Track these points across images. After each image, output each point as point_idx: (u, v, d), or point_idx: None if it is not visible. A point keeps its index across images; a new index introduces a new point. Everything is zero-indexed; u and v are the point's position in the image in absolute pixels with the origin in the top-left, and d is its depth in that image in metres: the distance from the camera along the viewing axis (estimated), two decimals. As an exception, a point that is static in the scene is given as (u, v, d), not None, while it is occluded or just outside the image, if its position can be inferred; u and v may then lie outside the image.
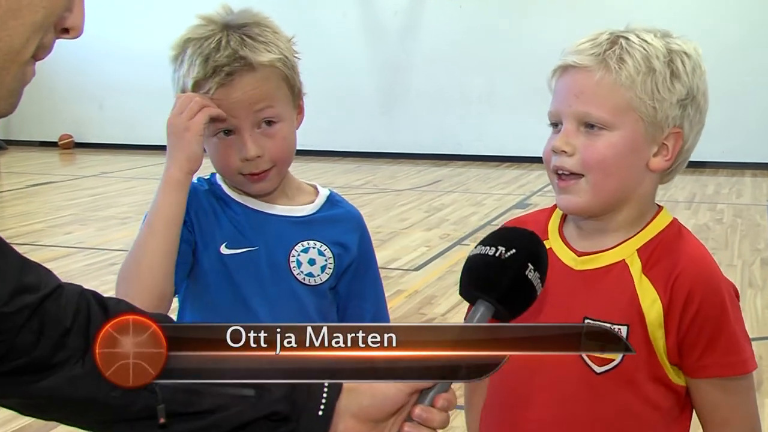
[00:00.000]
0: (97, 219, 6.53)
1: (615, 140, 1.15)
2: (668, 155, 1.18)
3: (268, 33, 1.34)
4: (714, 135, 9.44)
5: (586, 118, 1.16)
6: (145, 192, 7.68)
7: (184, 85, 1.34)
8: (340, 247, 1.40)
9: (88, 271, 4.98)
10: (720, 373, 1.15)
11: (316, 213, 1.42)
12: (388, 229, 6.18)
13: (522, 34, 9.48)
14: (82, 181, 8.57)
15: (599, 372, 1.16)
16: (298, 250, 1.38)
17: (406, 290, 4.62)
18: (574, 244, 1.22)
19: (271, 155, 1.34)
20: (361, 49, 10.20)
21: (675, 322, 1.15)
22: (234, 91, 1.31)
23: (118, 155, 10.46)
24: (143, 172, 9.16)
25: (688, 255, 1.18)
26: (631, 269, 1.17)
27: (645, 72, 1.14)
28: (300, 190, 1.44)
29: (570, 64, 1.17)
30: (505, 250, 0.98)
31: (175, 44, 1.36)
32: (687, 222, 6.41)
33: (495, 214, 6.74)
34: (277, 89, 1.34)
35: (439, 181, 8.57)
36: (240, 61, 1.30)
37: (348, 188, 7.97)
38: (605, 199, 1.17)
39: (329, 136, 10.03)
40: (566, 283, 1.20)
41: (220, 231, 1.36)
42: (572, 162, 1.16)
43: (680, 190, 7.98)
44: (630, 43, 1.16)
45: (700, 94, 1.18)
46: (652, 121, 1.15)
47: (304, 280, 1.37)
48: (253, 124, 1.33)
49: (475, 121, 9.92)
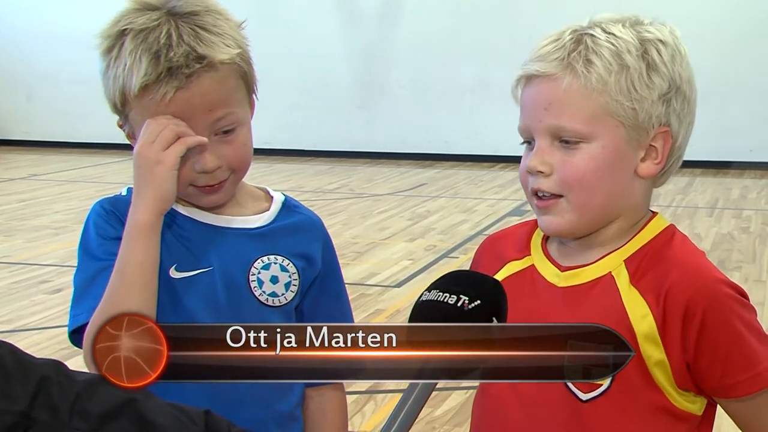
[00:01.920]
0: (25, 229, 6.48)
1: (595, 152, 1.15)
2: (658, 158, 1.18)
3: (221, 22, 1.32)
4: (739, 132, 9.62)
5: (560, 132, 1.16)
6: (81, 197, 7.63)
7: (124, 87, 1.29)
8: (304, 259, 1.41)
9: (15, 289, 4.95)
10: (749, 390, 1.16)
11: (273, 222, 1.41)
12: (365, 240, 6.19)
13: (520, 16, 9.54)
14: (8, 184, 8.50)
15: (585, 399, 1.17)
16: (257, 267, 1.37)
17: (385, 310, 4.63)
18: (559, 258, 1.23)
19: (229, 163, 1.34)
20: (334, 33, 10.22)
21: (677, 341, 1.15)
22: (192, 96, 1.29)
23: (50, 154, 10.40)
24: (80, 174, 9.11)
25: (678, 262, 1.18)
26: (617, 281, 1.18)
27: (617, 70, 1.14)
28: (251, 196, 1.44)
29: (533, 74, 1.18)
30: (468, 300, 1.00)
31: (104, 33, 1.31)
32: (709, 231, 6.47)
33: (488, 222, 6.78)
34: (235, 90, 1.33)
35: (425, 185, 8.60)
36: (200, 61, 1.28)
37: (320, 193, 7.97)
38: (592, 218, 1.19)
39: (298, 134, 10.04)
40: (550, 301, 1.21)
41: (168, 251, 1.33)
42: (549, 183, 1.17)
43: (701, 194, 8.06)
44: (596, 41, 1.15)
45: (684, 82, 1.17)
46: (634, 123, 1.15)
47: (267, 301, 1.37)
48: (211, 132, 1.32)
49: (466, 117, 9.96)
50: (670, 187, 8.19)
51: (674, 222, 1.28)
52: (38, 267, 5.37)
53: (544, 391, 1.19)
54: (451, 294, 1.01)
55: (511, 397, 1.23)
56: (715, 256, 5.70)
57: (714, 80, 8.28)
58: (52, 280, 5.10)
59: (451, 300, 1.00)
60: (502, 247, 1.29)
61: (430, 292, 1.03)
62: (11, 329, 4.27)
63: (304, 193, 7.47)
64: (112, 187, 9.51)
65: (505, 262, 1.27)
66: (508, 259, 1.27)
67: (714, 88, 8.20)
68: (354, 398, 3.40)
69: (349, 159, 10.04)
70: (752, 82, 9.30)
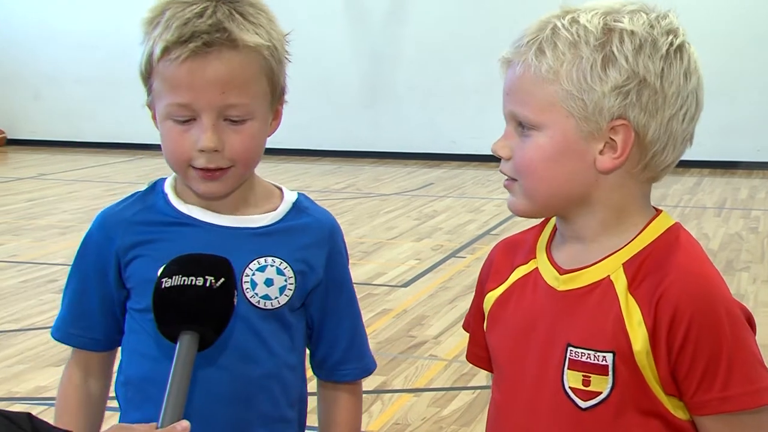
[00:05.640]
0: (33, 228, 6.50)
1: (542, 141, 1.16)
2: (618, 152, 1.15)
3: (261, 17, 1.33)
4: (747, 131, 9.59)
5: (516, 117, 1.18)
6: (89, 197, 7.65)
7: (151, 52, 1.31)
8: (304, 264, 1.38)
9: (23, 288, 4.96)
10: (721, 408, 1.12)
11: (278, 223, 1.39)
12: (372, 240, 6.19)
13: (525, 15, 9.50)
14: (15, 184, 8.52)
15: (585, 407, 1.16)
16: (252, 268, 1.35)
17: (393, 309, 4.63)
18: (559, 259, 1.22)
19: (231, 152, 1.31)
20: (341, 33, 10.22)
21: (662, 348, 1.13)
22: (206, 66, 1.28)
23: (58, 154, 10.42)
24: (87, 173, 9.13)
25: (678, 267, 1.15)
26: (616, 287, 1.16)
27: (569, 60, 1.14)
28: (265, 196, 1.41)
29: (500, 58, 1.21)
30: (214, 279, 1.15)
31: (153, 6, 1.34)
32: (716, 231, 6.46)
33: (495, 222, 6.77)
34: (255, 80, 1.32)
35: (431, 185, 8.59)
36: (222, 32, 1.28)
37: (327, 192, 7.97)
38: (543, 204, 1.19)
39: (305, 133, 10.04)
40: (549, 305, 1.20)
41: (162, 253, 1.31)
42: (507, 167, 1.20)
43: (708, 194, 8.04)
44: (556, 30, 1.15)
45: (652, 75, 1.14)
46: (584, 115, 1.14)
47: (258, 304, 1.35)
48: (218, 112, 1.30)
49: (472, 116, 9.95)
50: (677, 186, 8.17)
51: (682, 222, 1.25)
52: (46, 266, 5.38)
53: (544, 400, 1.18)
54: (197, 276, 1.15)
55: (512, 405, 1.22)
56: (723, 256, 5.69)
57: (722, 80, 8.25)
58: (59, 279, 5.11)
59: (199, 282, 1.15)
60: (513, 252, 1.28)
61: (172, 278, 1.15)
62: (19, 328, 4.29)
63: (311, 193, 7.41)
64: (119, 187, 9.54)
65: (514, 268, 1.26)
66: (517, 264, 1.26)
67: (722, 87, 8.18)
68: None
69: (356, 159, 10.04)
70: (760, 82, 9.28)
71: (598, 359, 1.15)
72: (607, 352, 1.14)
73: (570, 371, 1.16)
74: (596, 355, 1.15)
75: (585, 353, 1.16)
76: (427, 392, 3.59)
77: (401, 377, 3.70)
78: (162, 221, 1.38)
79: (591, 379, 1.15)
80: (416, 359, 3.93)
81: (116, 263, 1.38)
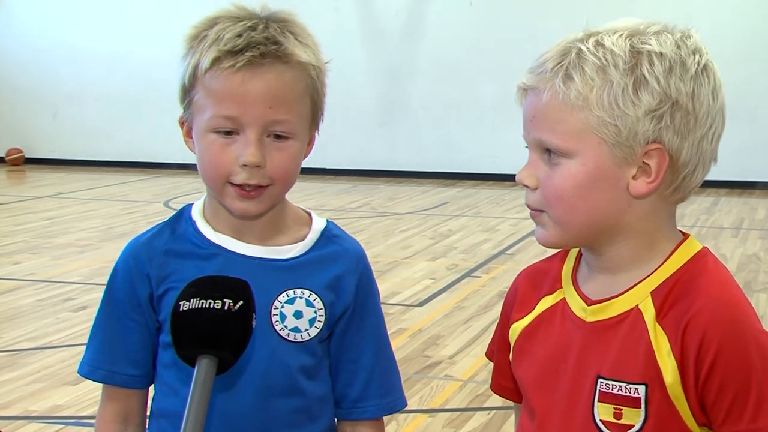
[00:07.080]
0: (51, 247, 6.53)
1: (574, 170, 1.13)
2: (652, 177, 1.13)
3: (309, 39, 1.33)
4: (764, 151, 9.53)
5: (544, 145, 1.15)
6: (106, 216, 7.69)
7: (198, 63, 1.29)
8: (332, 293, 1.36)
9: (41, 306, 4.98)
10: None
11: (307, 253, 1.36)
12: (387, 259, 6.18)
13: (540, 33, 9.53)
14: (34, 202, 8.57)
15: None
16: (281, 300, 1.33)
17: (408, 329, 4.62)
18: (587, 290, 1.20)
19: (272, 170, 1.29)
20: (356, 50, 10.26)
21: (691, 377, 1.11)
22: (258, 78, 1.27)
23: (76, 173, 10.48)
24: (104, 192, 9.17)
25: (705, 293, 1.12)
26: (645, 317, 1.14)
27: (599, 86, 1.11)
28: (294, 221, 1.39)
29: (520, 86, 1.18)
30: (232, 302, 1.12)
31: (198, 23, 1.33)
32: (734, 252, 6.41)
33: (510, 241, 6.75)
34: (301, 99, 1.31)
35: (446, 204, 8.59)
36: (278, 45, 1.28)
37: (342, 211, 7.98)
38: (576, 234, 1.16)
39: (320, 152, 9.96)
40: (579, 337, 1.18)
41: (186, 281, 1.28)
42: (534, 198, 1.17)
43: (725, 214, 8.00)
44: (582, 54, 1.12)
45: (684, 96, 1.12)
46: (617, 141, 1.12)
47: (288, 336, 1.33)
48: (264, 127, 1.28)
49: (488, 135, 9.96)
50: (694, 207, 8.13)
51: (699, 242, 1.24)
52: (63, 284, 5.40)
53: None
54: (215, 299, 1.12)
55: None
56: (740, 277, 5.64)
57: (739, 100, 8.22)
58: (77, 297, 5.13)
59: (217, 305, 1.12)
60: (538, 282, 1.26)
61: (189, 301, 1.13)
62: (36, 346, 4.30)
63: (326, 212, 7.47)
64: (136, 206, 9.57)
65: (540, 298, 1.24)
66: (543, 294, 1.24)
67: (739, 107, 8.15)
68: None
69: (371, 177, 10.05)
70: (777, 101, 9.24)
71: (630, 391, 1.13)
72: (639, 384, 1.12)
73: (600, 403, 1.14)
74: (628, 387, 1.13)
75: (616, 385, 1.14)
76: (443, 413, 3.57)
77: (416, 397, 3.68)
78: (192, 252, 1.36)
79: (623, 412, 1.13)
80: (431, 379, 3.91)
81: (149, 294, 1.36)
